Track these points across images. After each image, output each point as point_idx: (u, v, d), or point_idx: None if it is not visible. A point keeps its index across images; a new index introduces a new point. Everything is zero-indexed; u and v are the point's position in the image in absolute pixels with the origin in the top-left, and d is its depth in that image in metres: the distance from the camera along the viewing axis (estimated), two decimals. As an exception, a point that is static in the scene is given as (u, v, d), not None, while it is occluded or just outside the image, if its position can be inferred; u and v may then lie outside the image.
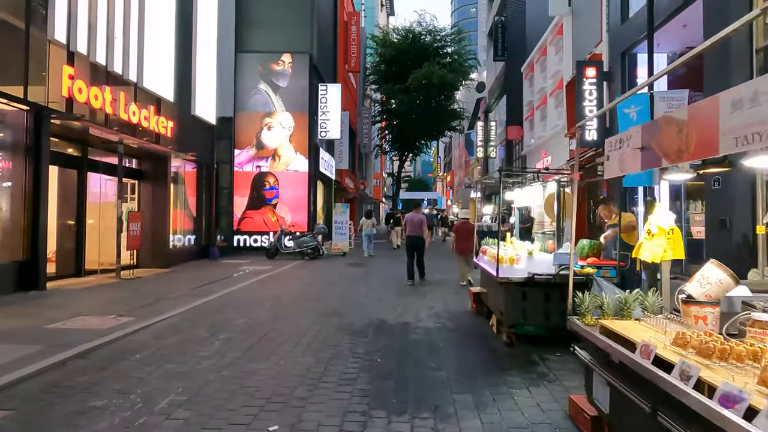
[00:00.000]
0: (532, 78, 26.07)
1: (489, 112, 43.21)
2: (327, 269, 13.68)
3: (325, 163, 20.33)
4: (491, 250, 6.30)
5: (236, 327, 6.52)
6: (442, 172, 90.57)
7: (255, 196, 17.92)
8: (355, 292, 9.54)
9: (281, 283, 10.90)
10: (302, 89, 18.11)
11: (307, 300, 8.64)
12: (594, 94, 15.21)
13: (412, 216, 11.19)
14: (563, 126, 19.91)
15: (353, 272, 12.96)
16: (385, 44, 34.60)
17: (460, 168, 68.43)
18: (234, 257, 16.53)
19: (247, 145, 17.98)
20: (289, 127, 18.04)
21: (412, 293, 9.48)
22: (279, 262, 15.54)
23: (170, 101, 13.43)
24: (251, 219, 17.87)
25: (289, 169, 18.00)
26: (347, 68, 26.59)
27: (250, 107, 18.04)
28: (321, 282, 11.06)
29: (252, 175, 17.96)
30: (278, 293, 9.37)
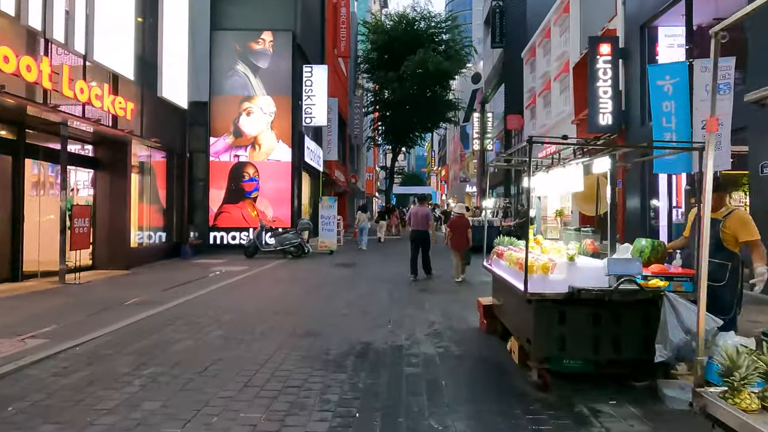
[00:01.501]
0: (533, 63, 24.51)
1: (485, 103, 41.65)
2: (310, 270, 12.08)
3: (312, 153, 18.70)
4: (514, 253, 4.70)
5: (173, 355, 4.91)
6: (436, 166, 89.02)
7: (233, 189, 16.27)
8: (338, 301, 7.95)
9: (254, 288, 9.30)
10: (285, 71, 16.44)
11: (278, 312, 7.03)
12: (609, 73, 13.65)
13: (416, 209, 10.56)
14: (570, 112, 18.35)
15: (339, 274, 11.37)
16: (377, 30, 32.90)
17: (455, 162, 66.94)
18: (209, 256, 14.90)
19: (223, 133, 16.31)
20: (271, 113, 16.38)
21: (405, 301, 7.91)
22: (258, 261, 13.94)
23: (130, 79, 11.74)
24: (229, 214, 16.23)
25: (271, 158, 16.36)
26: (336, 53, 24.91)
27: (227, 90, 16.36)
28: (300, 287, 9.46)
29: (229, 165, 16.30)
30: (246, 302, 7.77)
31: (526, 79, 25.70)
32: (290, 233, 15.15)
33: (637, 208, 13.09)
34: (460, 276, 10.15)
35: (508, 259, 4.68)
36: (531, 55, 24.50)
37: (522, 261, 4.12)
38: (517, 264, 4.32)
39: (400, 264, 13.28)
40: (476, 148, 42.70)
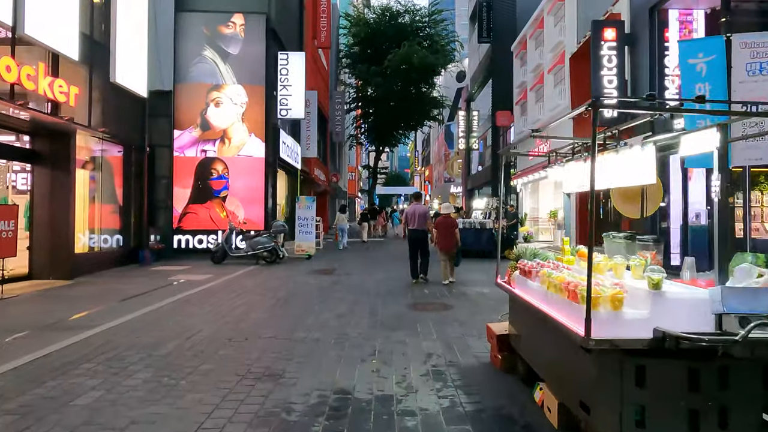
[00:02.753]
0: (524, 56, 23.33)
1: (471, 101, 40.52)
2: (283, 279, 10.61)
3: (288, 148, 17.21)
4: (555, 273, 3.32)
5: (63, 421, 3.44)
6: (420, 166, 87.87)
7: (200, 187, 14.71)
8: (311, 320, 6.52)
9: (214, 302, 7.81)
10: (258, 58, 14.93)
11: (234, 339, 5.59)
12: (614, 60, 12.44)
13: (413, 208, 10.13)
14: (566, 106, 17.15)
15: (317, 283, 9.92)
16: (360, 23, 31.46)
17: (439, 162, 65.79)
18: (171, 262, 13.34)
19: (189, 125, 14.74)
20: (242, 103, 14.86)
21: (393, 320, 6.51)
22: (226, 268, 12.43)
23: (73, 60, 10.12)
24: (195, 215, 14.66)
25: (242, 154, 14.83)
26: (316, 44, 23.43)
27: (193, 78, 14.79)
28: (269, 300, 8.00)
29: (196, 161, 14.73)
30: (199, 323, 6.30)
31: (516, 74, 24.52)
32: (263, 236, 13.67)
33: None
34: (448, 278, 9.84)
35: (545, 282, 3.30)
36: (522, 48, 23.32)
37: (572, 285, 2.76)
38: (565, 291, 2.95)
39: (385, 270, 11.93)
40: (461, 147, 41.57)
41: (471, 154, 41.55)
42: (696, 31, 11.82)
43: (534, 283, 3.54)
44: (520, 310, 3.99)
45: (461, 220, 15.43)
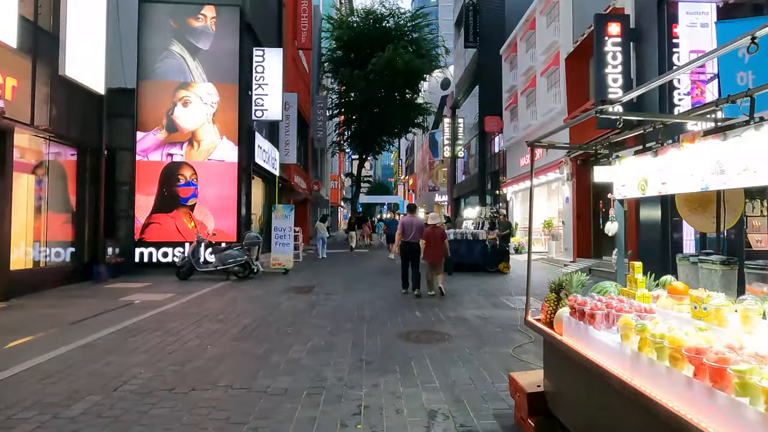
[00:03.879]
0: (513, 60, 22.41)
1: (456, 108, 39.66)
2: (253, 299, 9.30)
3: (265, 153, 15.92)
4: (658, 329, 2.08)
5: None
6: (403, 175, 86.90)
7: (165, 195, 13.31)
8: (279, 362, 5.24)
9: (164, 333, 6.47)
10: (230, 54, 13.66)
11: (173, 393, 4.29)
12: (619, 57, 11.44)
13: (410, 219, 9.99)
14: (561, 109, 16.18)
15: (291, 305, 8.62)
16: (343, 26, 30.37)
17: (424, 170, 64.85)
18: (131, 278, 11.93)
19: (154, 126, 13.37)
20: (213, 103, 13.55)
21: (382, 358, 5.26)
22: (192, 285, 11.08)
23: (10, 47, 8.75)
24: (160, 225, 13.25)
25: (213, 158, 13.50)
26: (297, 44, 22.22)
27: (158, 75, 13.45)
28: (232, 330, 6.68)
29: (161, 166, 13.35)
30: (134, 365, 4.98)
31: (506, 78, 23.60)
32: (235, 249, 12.34)
33: (655, 220, 10.87)
34: (434, 289, 9.71)
35: (634, 336, 2.08)
36: (511, 51, 22.41)
37: (714, 358, 1.57)
38: (691, 363, 1.74)
39: (370, 287, 10.68)
40: (447, 155, 40.63)
41: (456, 163, 40.63)
42: (707, 25, 10.91)
43: (605, 335, 2.34)
44: (570, 366, 2.77)
45: (452, 231, 14.30)
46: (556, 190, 19.91)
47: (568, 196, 15.96)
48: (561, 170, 15.98)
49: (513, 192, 22.02)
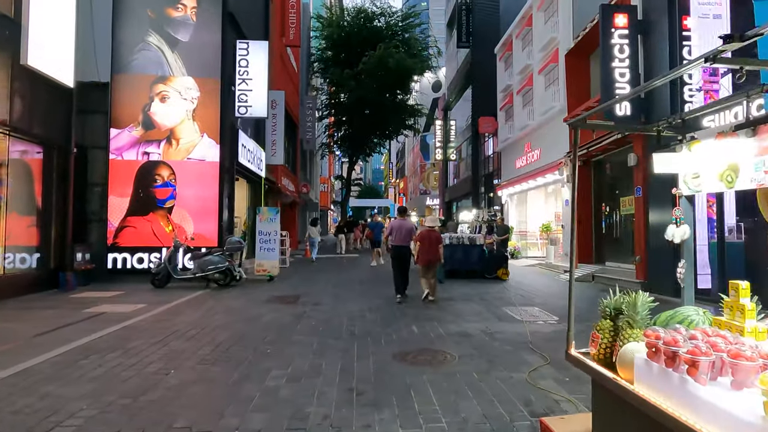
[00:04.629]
0: (509, 59, 21.75)
1: (448, 110, 39.02)
2: (232, 311, 8.43)
3: (250, 153, 15.06)
4: None
5: None
6: (394, 178, 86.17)
7: (141, 197, 12.40)
8: (253, 392, 4.40)
9: (122, 354, 5.60)
10: (212, 46, 12.81)
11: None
12: (626, 50, 10.74)
13: (399, 223, 9.75)
14: (561, 108, 15.49)
15: (274, 318, 7.77)
16: (332, 24, 29.59)
17: (415, 174, 64.15)
18: (102, 286, 11.02)
19: (129, 123, 12.47)
20: (193, 99, 12.68)
21: (378, 390, 4.45)
22: (168, 293, 10.22)
23: (-39, 31, 7.88)
24: (135, 229, 12.33)
25: (192, 157, 12.62)
26: (284, 41, 21.39)
27: (134, 68, 12.56)
28: (202, 350, 5.83)
29: (136, 165, 12.44)
30: (75, 400, 4.13)
31: (501, 78, 22.93)
32: (216, 255, 11.46)
33: (667, 223, 10.15)
34: (429, 295, 9.27)
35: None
36: (506, 49, 21.75)
37: None
38: None
39: (361, 296, 9.85)
40: (438, 158, 39.95)
41: (448, 166, 39.96)
42: (720, 16, 10.26)
43: (723, 397, 1.55)
44: (648, 429, 1.96)
45: (447, 235, 13.54)
46: (552, 193, 19.24)
47: (567, 199, 15.26)
48: (561, 171, 15.28)
49: (508, 195, 21.32)
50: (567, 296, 2.78)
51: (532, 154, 18.23)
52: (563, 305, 9.05)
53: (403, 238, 9.54)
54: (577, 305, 9.07)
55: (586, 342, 2.55)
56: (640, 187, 10.97)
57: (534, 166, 17.93)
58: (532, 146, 18.40)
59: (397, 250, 9.56)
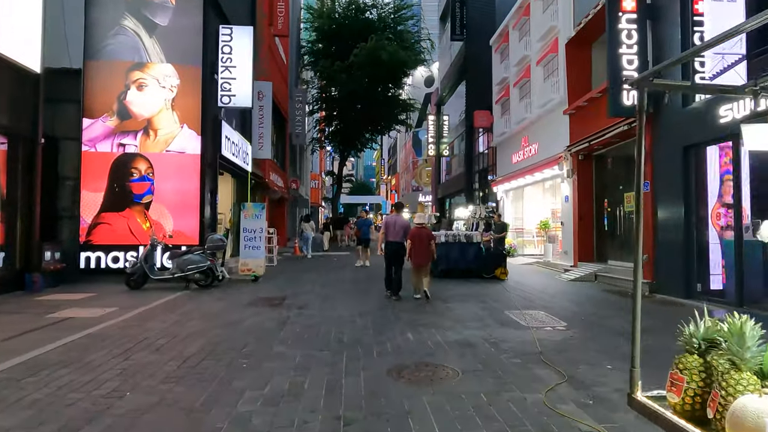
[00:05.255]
0: (505, 50, 21.08)
1: (441, 105, 38.35)
2: (210, 316, 7.70)
3: (235, 146, 14.28)
4: None
5: None
6: (386, 175, 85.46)
7: (116, 191, 11.62)
8: (219, 419, 3.69)
9: (75, 370, 4.87)
10: (193, 31, 12.02)
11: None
12: (635, 36, 10.10)
13: (394, 219, 9.47)
14: (561, 100, 14.85)
15: (254, 324, 7.06)
16: (323, 15, 28.78)
17: (407, 170, 63.45)
18: (72, 288, 10.23)
19: (103, 113, 11.67)
20: (172, 87, 11.89)
21: (371, 418, 3.75)
22: (143, 295, 9.48)
23: None
24: (109, 226, 11.54)
25: (171, 149, 11.84)
26: (273, 31, 20.58)
27: (109, 54, 11.75)
28: (168, 365, 5.10)
29: (111, 157, 11.65)
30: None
31: (496, 70, 22.26)
32: (196, 254, 10.70)
33: (677, 219, 9.55)
34: (422, 292, 9.11)
35: None
36: (503, 40, 21.09)
37: None
38: None
39: (352, 298, 9.14)
40: (431, 153, 39.31)
41: (441, 162, 39.32)
42: (735, 0, 9.64)
43: None
44: None
45: (443, 233, 12.88)
46: (550, 188, 18.64)
47: (567, 195, 14.64)
48: (560, 166, 14.65)
49: (504, 191, 20.70)
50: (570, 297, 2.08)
51: (530, 149, 17.60)
52: (569, 308, 8.41)
53: (397, 233, 9.23)
54: (584, 309, 8.47)
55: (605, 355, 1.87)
56: (647, 182, 10.35)
57: (531, 161, 17.30)
58: (529, 140, 17.76)
59: (391, 246, 9.27)
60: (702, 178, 9.27)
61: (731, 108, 8.22)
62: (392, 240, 9.27)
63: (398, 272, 9.26)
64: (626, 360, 5.33)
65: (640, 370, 2.08)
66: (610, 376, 4.67)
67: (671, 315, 7.90)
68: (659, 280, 10.06)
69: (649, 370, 2.78)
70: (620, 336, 6.30)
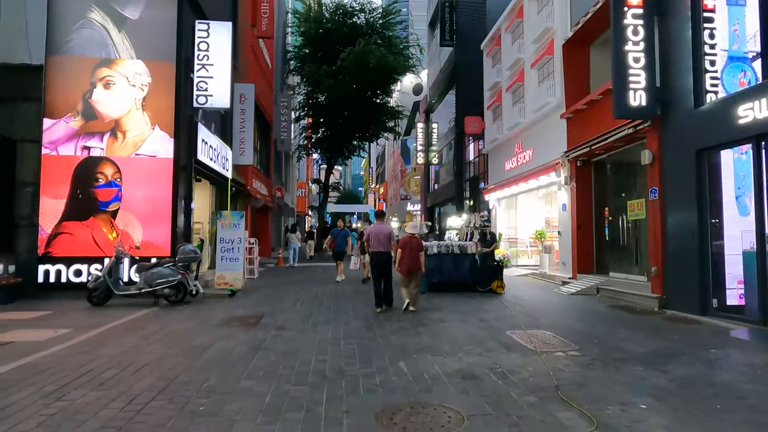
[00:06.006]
0: (497, 54, 20.45)
1: (430, 113, 37.70)
2: (176, 338, 6.76)
3: (213, 151, 13.35)
4: None
5: None
6: (374, 183, 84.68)
7: (79, 198, 10.64)
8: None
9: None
10: (166, 26, 11.14)
11: None
12: (641, 32, 9.40)
13: (377, 228, 9.12)
14: (558, 104, 14.16)
15: (224, 349, 6.14)
16: (310, 19, 28.03)
17: (395, 179, 62.72)
18: (28, 305, 9.28)
19: (66, 112, 10.72)
20: (143, 85, 10.98)
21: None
22: (105, 314, 8.54)
23: None
24: (71, 236, 10.55)
25: (141, 153, 10.90)
26: (256, 32, 19.73)
27: (73, 49, 10.82)
28: (109, 407, 4.16)
29: (75, 161, 10.68)
30: None
31: (488, 75, 21.61)
32: (166, 267, 9.75)
33: (689, 228, 8.80)
34: (410, 306, 8.76)
35: None
36: (494, 44, 20.45)
37: None
38: None
39: (337, 316, 8.18)
40: (420, 161, 38.58)
41: (430, 170, 38.61)
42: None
43: None
44: None
45: (435, 243, 12.06)
46: (544, 197, 17.94)
47: (565, 203, 13.91)
48: (557, 173, 13.93)
49: (496, 199, 19.96)
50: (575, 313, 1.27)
51: (524, 155, 16.89)
52: (577, 328, 7.60)
53: (381, 243, 8.99)
54: (593, 328, 7.66)
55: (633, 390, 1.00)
56: (656, 188, 9.63)
57: (526, 168, 16.58)
58: (523, 146, 17.05)
59: (376, 257, 9.01)
60: (717, 183, 8.56)
61: (752, 107, 7.52)
62: (376, 250, 9.01)
63: (388, 283, 8.98)
64: (659, 395, 4.53)
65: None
66: (646, 419, 3.85)
67: (691, 335, 7.12)
68: (669, 294, 9.31)
69: (699, 410, 1.94)
70: (644, 363, 5.48)
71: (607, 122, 11.13)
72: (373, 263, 9.10)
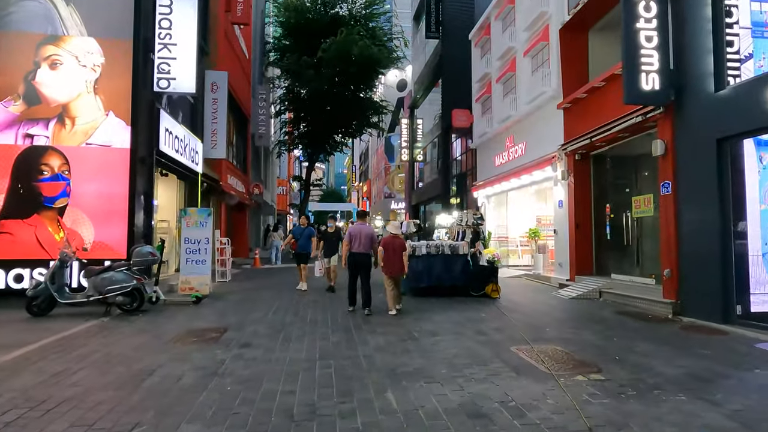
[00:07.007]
0: (486, 44, 19.48)
1: (415, 108, 36.69)
2: (114, 361, 5.58)
3: (179, 142, 12.11)
4: None
5: None
6: (357, 181, 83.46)
7: (20, 193, 9.37)
8: None
9: None
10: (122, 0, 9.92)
11: None
12: (654, 9, 8.46)
13: (358, 228, 8.66)
14: (554, 93, 13.20)
15: (172, 375, 4.99)
16: (289, 8, 26.77)
17: (379, 176, 61.59)
18: (-47, 316, 7.96)
19: (5, 96, 9.44)
20: (95, 66, 9.73)
21: None
22: (43, 326, 7.34)
23: None
24: (11, 236, 9.28)
25: (93, 142, 9.65)
26: (230, 18, 18.46)
27: (13, 24, 9.55)
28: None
29: (15, 151, 9.40)
30: None
31: (476, 66, 20.62)
32: (119, 271, 8.55)
33: (709, 227, 7.88)
34: (395, 308, 8.48)
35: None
36: (484, 33, 19.46)
37: None
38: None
39: (312, 329, 6.94)
40: (404, 159, 37.54)
41: (414, 167, 37.60)
42: None
43: None
44: None
45: (424, 243, 11.03)
46: (537, 193, 17.03)
47: (561, 200, 12.98)
48: (553, 167, 12.99)
49: (485, 196, 18.99)
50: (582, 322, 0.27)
51: (516, 149, 15.94)
52: (590, 340, 6.61)
53: (362, 243, 8.60)
54: (608, 341, 6.65)
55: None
56: (669, 182, 8.70)
57: (518, 163, 15.63)
58: (515, 140, 16.10)
59: (356, 257, 8.63)
60: (740, 176, 7.64)
61: None
62: (357, 251, 8.62)
63: (366, 285, 8.60)
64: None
65: None
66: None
67: (722, 349, 6.16)
68: (685, 299, 8.39)
69: None
70: (684, 391, 4.49)
71: (611, 111, 10.20)
72: (350, 263, 8.73)
